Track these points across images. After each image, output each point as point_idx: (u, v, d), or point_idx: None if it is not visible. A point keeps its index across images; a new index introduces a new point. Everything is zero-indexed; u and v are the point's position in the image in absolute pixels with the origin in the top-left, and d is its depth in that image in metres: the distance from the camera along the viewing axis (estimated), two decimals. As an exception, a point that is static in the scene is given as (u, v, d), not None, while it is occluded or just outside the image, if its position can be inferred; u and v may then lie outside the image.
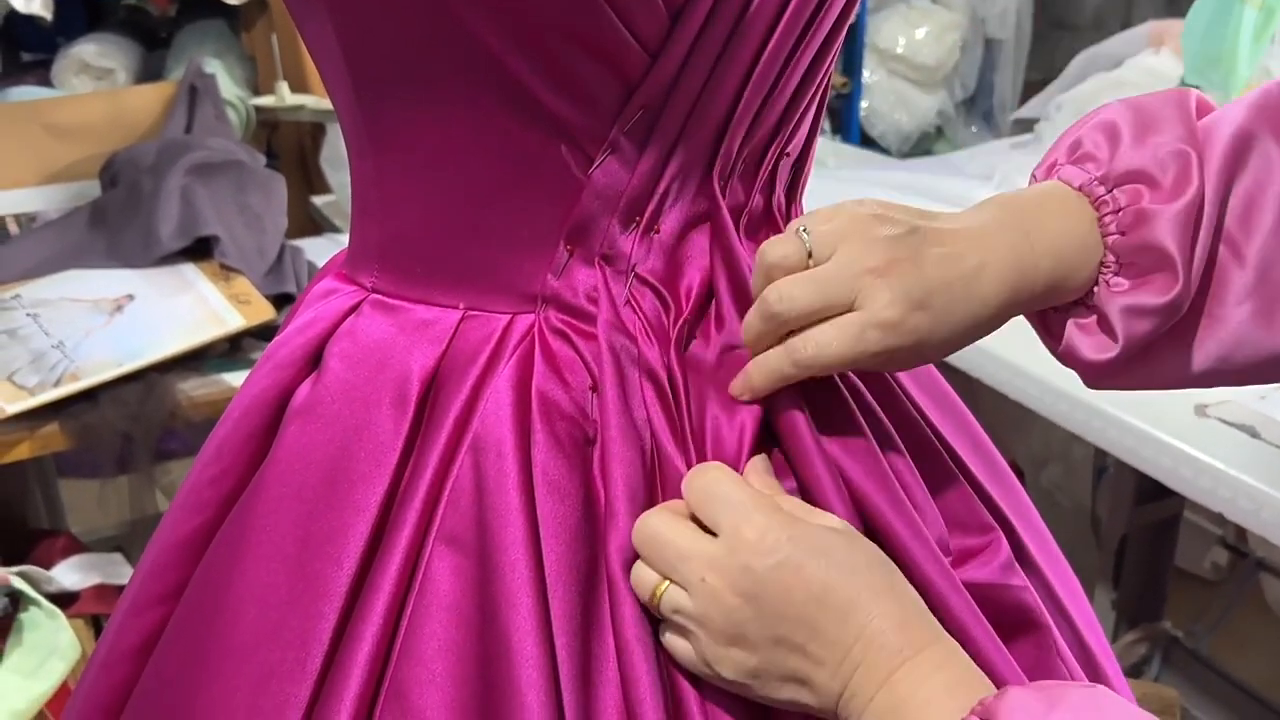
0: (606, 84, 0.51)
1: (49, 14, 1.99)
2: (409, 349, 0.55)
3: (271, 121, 2.14)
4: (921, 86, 3.05)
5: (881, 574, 0.48)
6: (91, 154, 1.65)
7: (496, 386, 0.53)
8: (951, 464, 0.59)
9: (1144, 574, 1.68)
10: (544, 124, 0.51)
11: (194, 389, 1.30)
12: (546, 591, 0.49)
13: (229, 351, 1.37)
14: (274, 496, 0.56)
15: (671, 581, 0.48)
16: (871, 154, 2.56)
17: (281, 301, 1.43)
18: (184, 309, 1.37)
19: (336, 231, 1.94)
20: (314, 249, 1.63)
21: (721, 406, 0.54)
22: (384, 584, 0.51)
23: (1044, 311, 0.57)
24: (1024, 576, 0.58)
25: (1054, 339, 0.58)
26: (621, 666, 0.49)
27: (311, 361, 0.58)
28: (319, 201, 2.13)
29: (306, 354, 0.58)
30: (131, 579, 0.62)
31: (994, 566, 0.56)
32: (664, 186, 0.54)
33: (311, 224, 2.09)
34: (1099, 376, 0.57)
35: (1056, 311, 0.57)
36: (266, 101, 2.03)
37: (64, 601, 1.34)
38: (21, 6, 1.94)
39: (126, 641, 0.59)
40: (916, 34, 3.00)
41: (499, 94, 0.50)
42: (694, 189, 0.55)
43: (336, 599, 0.52)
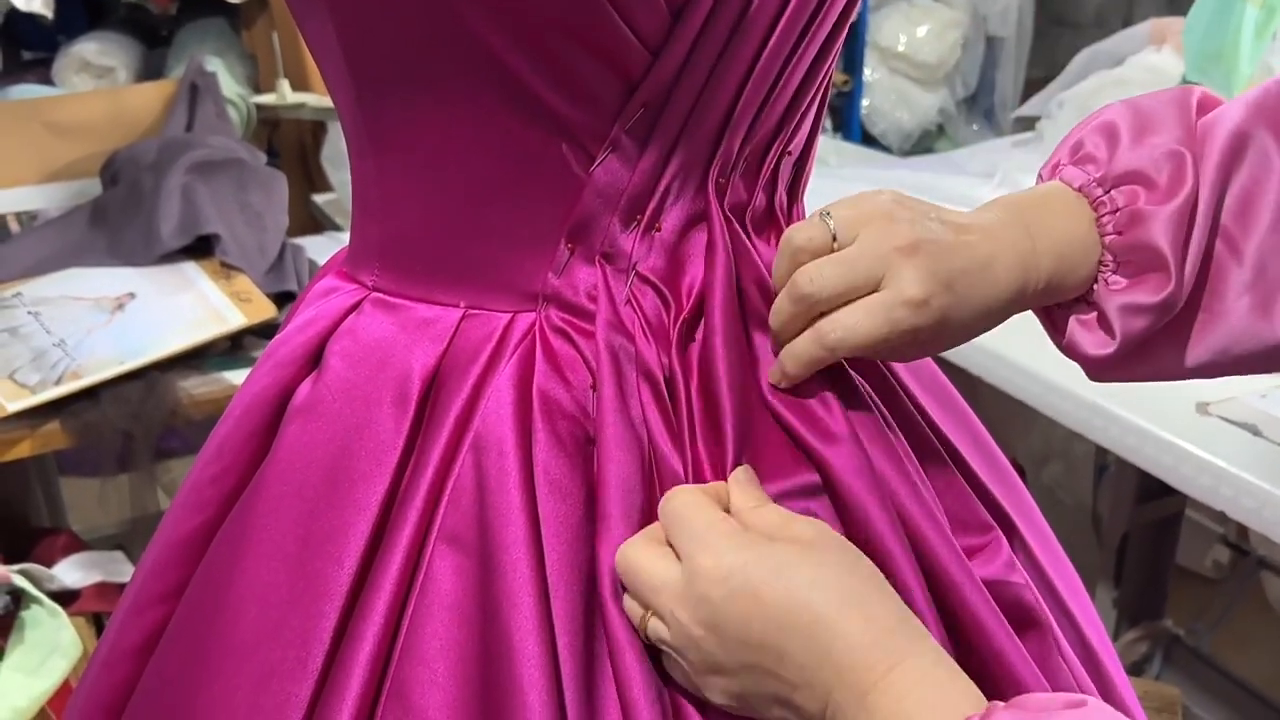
0: (608, 82, 0.51)
1: (50, 12, 1.99)
2: (410, 347, 0.55)
3: (272, 119, 2.14)
4: (923, 84, 3.05)
5: (852, 585, 0.46)
6: (92, 152, 1.65)
7: (498, 385, 0.53)
8: (952, 462, 0.59)
9: (1145, 572, 1.68)
10: (545, 122, 0.51)
11: (195, 387, 1.30)
12: (548, 591, 0.49)
13: (230, 350, 1.37)
14: (275, 495, 0.55)
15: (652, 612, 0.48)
16: (873, 152, 2.56)
17: (282, 300, 1.43)
18: (185, 307, 1.36)
19: (337, 229, 1.94)
20: (315, 247, 1.62)
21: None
22: (385, 583, 0.51)
23: (1049, 307, 0.59)
24: (1025, 574, 0.58)
25: (1058, 333, 0.59)
26: (615, 668, 0.49)
27: (312, 360, 0.58)
28: (320, 199, 2.13)
29: (307, 352, 0.58)
30: (133, 577, 0.62)
31: (995, 564, 0.56)
32: (665, 185, 0.54)
33: (312, 222, 2.09)
34: (1100, 370, 0.58)
35: (1060, 307, 0.59)
36: (267, 99, 2.03)
37: (65, 599, 1.34)
38: (22, 5, 1.94)
39: (128, 640, 0.59)
40: (918, 32, 3.00)
41: (500, 93, 0.50)
42: (695, 187, 0.55)
43: (337, 598, 0.52)
